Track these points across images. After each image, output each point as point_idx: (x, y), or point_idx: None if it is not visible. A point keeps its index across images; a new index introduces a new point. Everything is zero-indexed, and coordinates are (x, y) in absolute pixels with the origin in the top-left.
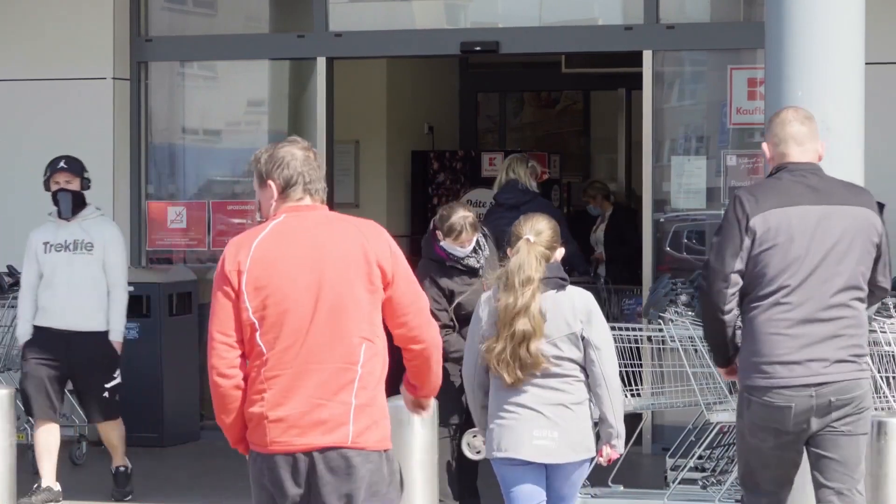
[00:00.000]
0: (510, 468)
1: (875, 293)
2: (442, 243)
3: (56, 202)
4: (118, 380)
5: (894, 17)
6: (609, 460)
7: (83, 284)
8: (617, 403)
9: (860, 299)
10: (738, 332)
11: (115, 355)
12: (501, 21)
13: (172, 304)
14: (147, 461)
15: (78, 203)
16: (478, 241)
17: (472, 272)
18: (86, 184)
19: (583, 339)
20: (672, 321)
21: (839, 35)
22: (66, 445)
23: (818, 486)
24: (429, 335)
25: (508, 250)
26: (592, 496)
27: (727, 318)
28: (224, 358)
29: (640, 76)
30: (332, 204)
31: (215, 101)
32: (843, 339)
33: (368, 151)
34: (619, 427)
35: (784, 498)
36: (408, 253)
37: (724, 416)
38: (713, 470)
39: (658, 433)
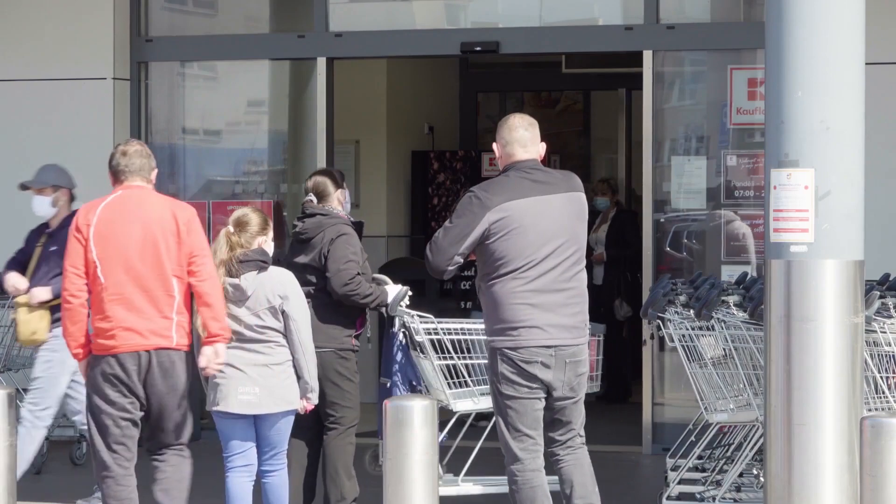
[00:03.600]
0: (223, 420)
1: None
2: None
3: None
4: None
5: (894, 17)
6: (306, 410)
7: None
8: (311, 364)
9: (583, 270)
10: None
11: None
12: (501, 21)
13: None
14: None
15: None
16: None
17: None
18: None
19: (283, 312)
20: (671, 321)
21: (839, 35)
22: (67, 445)
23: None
24: (211, 276)
25: None
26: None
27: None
28: (75, 283)
29: (640, 76)
30: None
31: (215, 101)
32: (573, 307)
33: (368, 151)
34: (313, 383)
35: (539, 437)
36: (408, 254)
37: (724, 416)
38: (713, 470)
39: (658, 433)
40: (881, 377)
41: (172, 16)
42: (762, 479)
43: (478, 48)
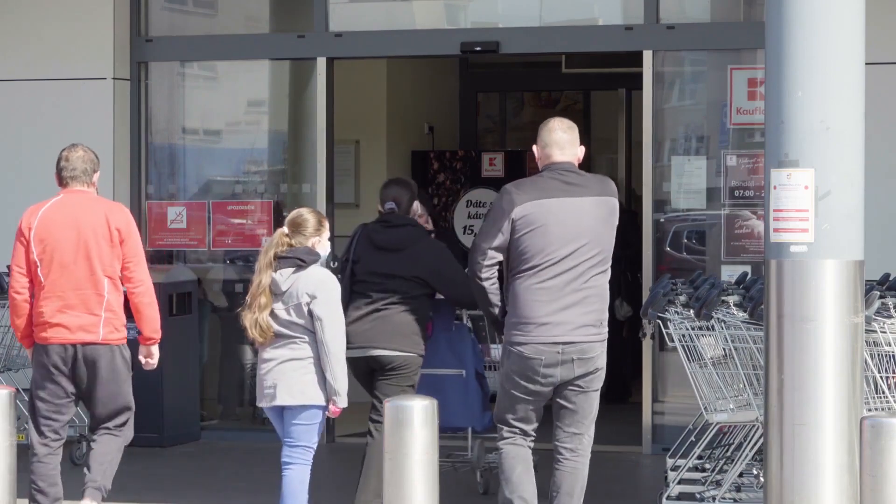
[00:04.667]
0: (267, 413)
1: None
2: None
3: None
4: None
5: (894, 17)
6: (334, 413)
7: None
8: (335, 366)
9: (604, 272)
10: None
11: None
12: (501, 21)
13: (172, 303)
14: (147, 461)
15: None
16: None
17: None
18: None
19: (310, 311)
20: (671, 321)
21: (839, 35)
22: (67, 446)
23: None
24: (142, 282)
25: None
26: None
27: (485, 284)
28: (18, 282)
29: (640, 76)
30: (332, 204)
31: (215, 101)
32: (588, 306)
33: (368, 151)
34: (337, 385)
35: (529, 430)
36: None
37: (724, 416)
38: (713, 470)
39: (658, 433)
40: (881, 377)
41: (172, 16)
42: (762, 479)
43: (478, 48)
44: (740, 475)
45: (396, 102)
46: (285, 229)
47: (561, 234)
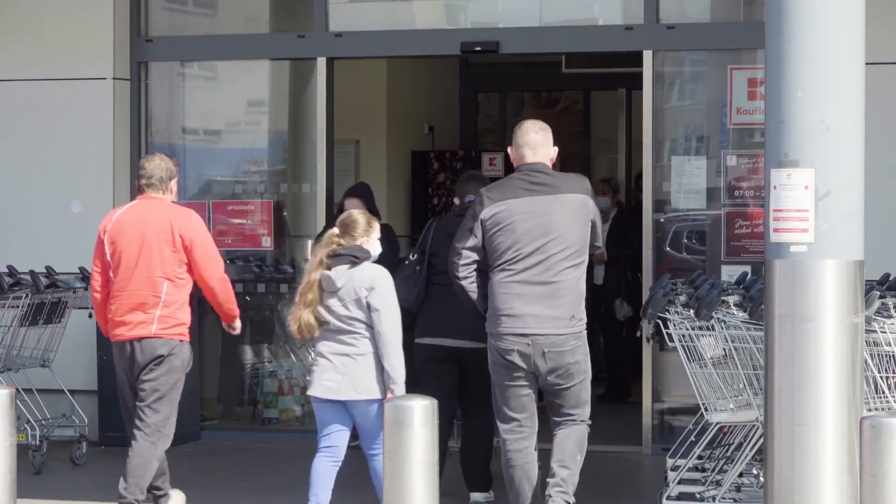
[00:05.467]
0: (314, 403)
1: (594, 253)
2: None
3: None
4: None
5: (894, 17)
6: (389, 396)
7: None
8: (393, 356)
9: (574, 266)
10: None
11: None
12: (501, 21)
13: None
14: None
15: None
16: None
17: None
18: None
19: (368, 304)
20: (671, 321)
21: (839, 35)
22: (66, 445)
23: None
24: (211, 283)
25: None
26: None
27: (462, 282)
28: (96, 280)
29: (640, 76)
30: (332, 204)
31: (215, 101)
32: (558, 299)
33: (368, 151)
34: (395, 375)
35: (525, 420)
36: (408, 253)
37: (724, 416)
38: (713, 470)
39: (658, 433)
40: (881, 377)
41: (172, 16)
42: (762, 479)
43: (478, 48)
44: (740, 475)
45: (396, 102)
46: (336, 230)
47: (527, 231)
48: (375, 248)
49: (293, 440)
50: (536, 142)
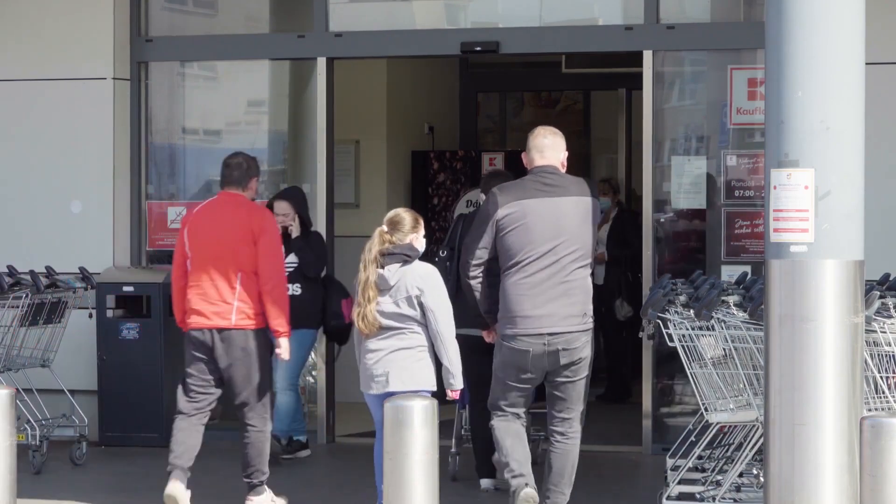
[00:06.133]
0: (367, 399)
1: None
2: None
3: None
4: None
5: (894, 17)
6: (453, 396)
7: None
8: (450, 351)
9: (584, 266)
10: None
11: None
12: (501, 21)
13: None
14: (147, 461)
15: None
16: None
17: None
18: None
19: (420, 304)
20: (671, 321)
21: (839, 35)
22: (66, 445)
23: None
24: (268, 281)
25: None
26: None
27: (471, 282)
28: (176, 271)
29: (640, 76)
30: (332, 204)
31: (215, 101)
32: (571, 297)
33: (368, 151)
34: (453, 369)
35: (519, 413)
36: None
37: (724, 416)
38: (713, 470)
39: (658, 433)
40: (881, 377)
41: (172, 16)
42: (762, 479)
43: (478, 48)
44: (740, 475)
45: (396, 102)
46: (385, 227)
47: (541, 231)
48: (422, 246)
49: None
50: (545, 145)
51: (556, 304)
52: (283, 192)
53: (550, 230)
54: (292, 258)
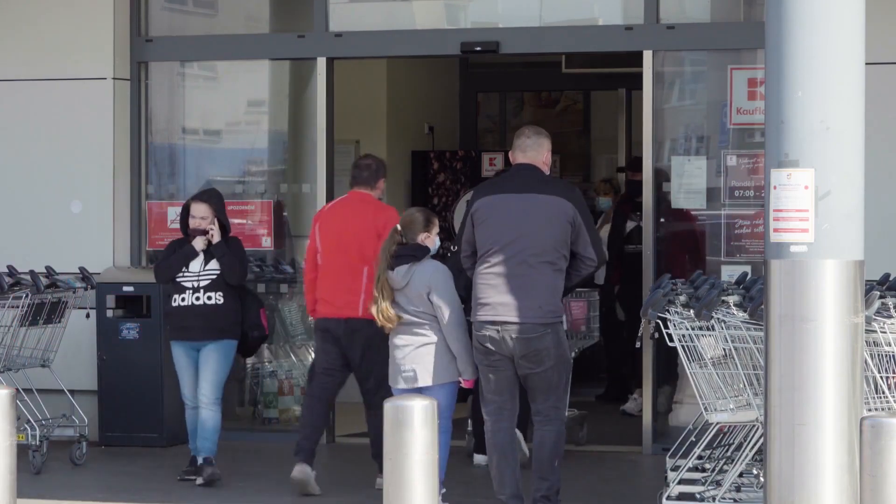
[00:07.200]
0: (397, 393)
1: (583, 262)
2: None
3: None
4: None
5: (894, 17)
6: (467, 384)
7: None
8: (457, 346)
9: (548, 262)
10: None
11: None
12: (501, 21)
13: None
14: (147, 461)
15: None
16: None
17: None
18: None
19: (431, 300)
20: (671, 321)
21: (839, 35)
22: (66, 445)
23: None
24: None
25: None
26: None
27: (467, 272)
28: (309, 264)
29: (640, 76)
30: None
31: (215, 101)
32: (528, 290)
33: (368, 151)
34: (461, 362)
35: (504, 402)
36: None
37: (724, 416)
38: (713, 470)
39: (658, 433)
40: (881, 377)
41: (172, 16)
42: (762, 479)
43: (478, 48)
44: (740, 475)
45: (396, 102)
46: (399, 227)
47: (504, 225)
48: (435, 244)
49: (293, 440)
50: (526, 145)
51: (510, 295)
52: (200, 193)
53: (513, 225)
54: (213, 265)
